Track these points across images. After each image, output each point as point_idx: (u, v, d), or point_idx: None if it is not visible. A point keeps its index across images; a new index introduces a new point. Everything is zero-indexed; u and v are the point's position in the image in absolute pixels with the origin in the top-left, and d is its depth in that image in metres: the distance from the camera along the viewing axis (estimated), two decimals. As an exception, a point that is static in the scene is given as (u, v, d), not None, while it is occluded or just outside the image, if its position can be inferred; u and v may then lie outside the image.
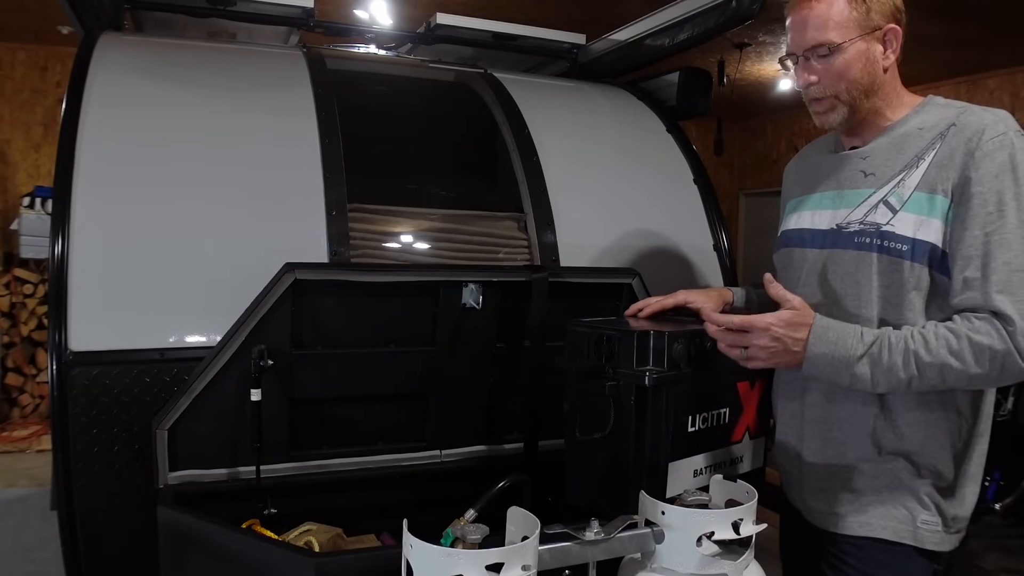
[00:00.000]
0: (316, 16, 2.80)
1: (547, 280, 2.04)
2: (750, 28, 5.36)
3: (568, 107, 2.77)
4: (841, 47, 1.50)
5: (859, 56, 1.51)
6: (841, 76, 1.52)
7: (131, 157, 1.97)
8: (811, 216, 1.66)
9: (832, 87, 1.53)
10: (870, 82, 1.53)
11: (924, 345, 1.39)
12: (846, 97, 1.53)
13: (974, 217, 1.41)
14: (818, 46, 1.51)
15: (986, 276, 1.39)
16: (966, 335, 1.37)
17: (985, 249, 1.40)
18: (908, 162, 1.51)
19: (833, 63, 1.51)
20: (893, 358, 1.40)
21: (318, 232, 2.00)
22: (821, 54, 1.51)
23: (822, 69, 1.53)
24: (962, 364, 1.37)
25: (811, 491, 1.62)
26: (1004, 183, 1.41)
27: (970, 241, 1.41)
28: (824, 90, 1.54)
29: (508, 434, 2.19)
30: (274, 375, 1.84)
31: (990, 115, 1.47)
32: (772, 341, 1.43)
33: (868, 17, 1.50)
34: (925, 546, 1.51)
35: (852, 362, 1.41)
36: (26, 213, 6.07)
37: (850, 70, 1.51)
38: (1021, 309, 1.36)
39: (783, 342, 1.43)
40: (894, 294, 1.48)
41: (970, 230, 1.41)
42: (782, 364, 1.47)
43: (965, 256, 1.42)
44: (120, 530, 1.85)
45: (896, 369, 1.40)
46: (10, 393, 6.28)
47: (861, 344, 1.42)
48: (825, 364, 1.43)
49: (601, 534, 1.27)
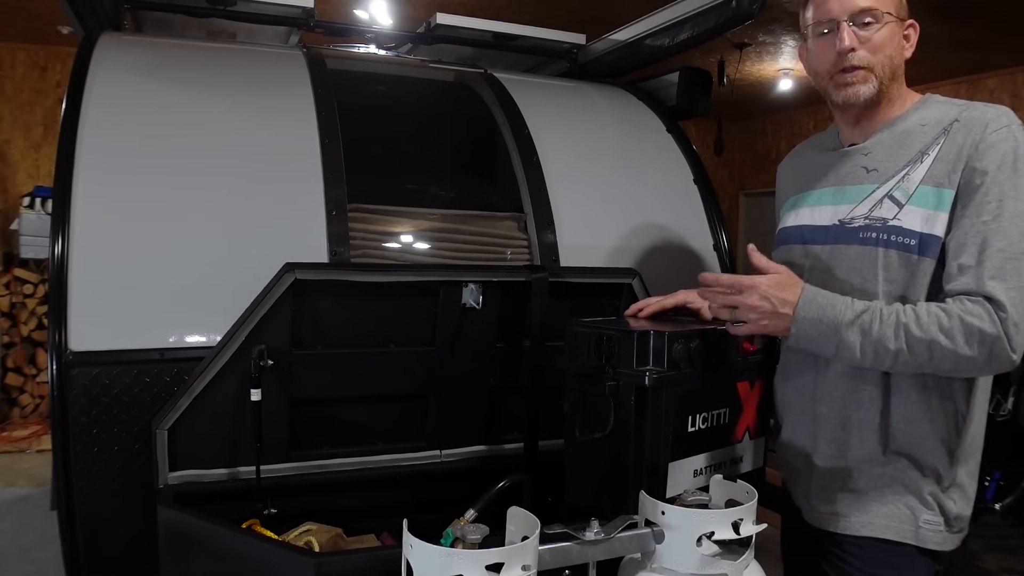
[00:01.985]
0: (316, 16, 2.80)
1: (547, 280, 2.04)
2: (750, 28, 5.36)
3: (568, 107, 2.77)
4: (885, 19, 1.51)
5: (895, 36, 1.54)
6: (881, 47, 1.52)
7: (131, 157, 1.97)
8: (811, 212, 1.65)
9: (871, 57, 1.53)
10: (896, 66, 1.55)
11: (915, 320, 1.39)
12: (880, 72, 1.53)
13: (973, 206, 1.42)
14: (866, 11, 1.51)
15: (980, 263, 1.39)
16: (958, 315, 1.37)
17: (982, 237, 1.40)
18: (912, 157, 1.51)
19: (876, 34, 1.52)
20: (883, 329, 1.40)
21: (318, 232, 2.00)
22: (865, 21, 1.52)
23: (866, 37, 1.52)
24: (952, 343, 1.37)
25: (815, 491, 1.62)
26: (1004, 174, 1.41)
27: (967, 229, 1.42)
28: (864, 59, 1.53)
29: (508, 434, 2.19)
30: (274, 375, 1.84)
31: (993, 110, 1.49)
32: (761, 300, 1.44)
33: (902, 5, 1.55)
34: (927, 546, 1.51)
35: (840, 328, 1.42)
36: (26, 213, 6.07)
37: (887, 46, 1.53)
38: (1013, 297, 1.36)
39: (771, 302, 1.44)
40: (901, 288, 1.48)
41: (968, 218, 1.42)
42: (770, 328, 1.48)
43: (961, 243, 1.42)
44: (120, 530, 1.85)
45: (885, 340, 1.40)
46: (10, 393, 6.28)
47: (851, 311, 1.42)
48: (813, 328, 1.44)
49: (601, 534, 1.27)
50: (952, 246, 1.43)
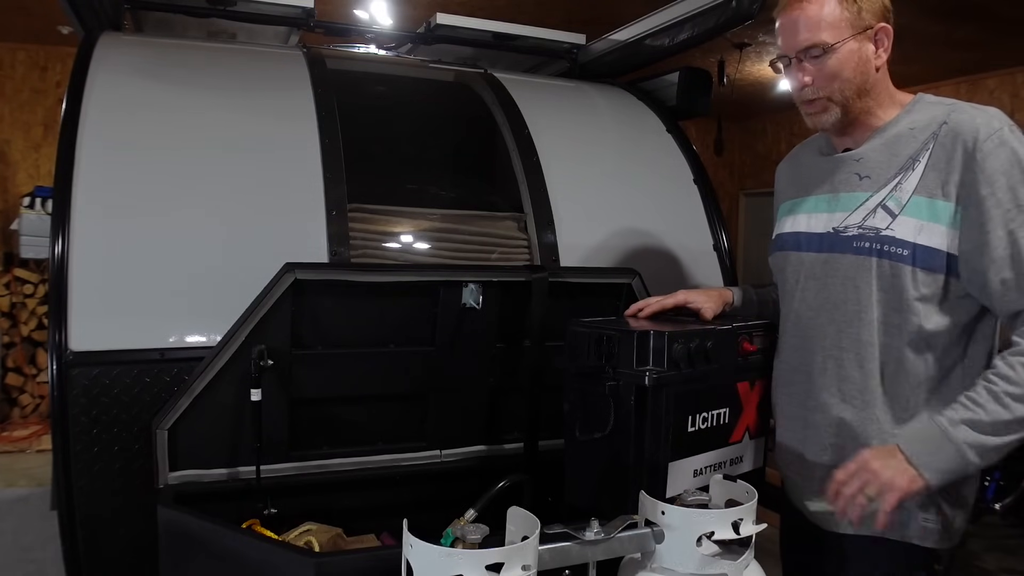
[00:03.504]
0: (316, 16, 2.80)
1: (547, 280, 2.04)
2: (750, 28, 5.36)
3: (568, 107, 2.77)
4: (834, 47, 1.49)
5: (851, 56, 1.51)
6: (834, 76, 1.51)
7: (131, 157, 1.97)
8: (807, 219, 1.65)
9: (826, 88, 1.52)
10: (863, 82, 1.53)
11: (1007, 380, 1.38)
12: (839, 98, 1.53)
13: (992, 218, 1.41)
14: (811, 47, 1.50)
15: (1020, 274, 1.40)
16: None
17: (1013, 248, 1.40)
18: (903, 164, 1.51)
19: (826, 64, 1.50)
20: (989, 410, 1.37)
21: (318, 232, 2.00)
22: (814, 55, 1.51)
23: (815, 70, 1.52)
24: None
25: (812, 493, 1.62)
26: (1014, 178, 1.41)
27: (996, 243, 1.41)
28: (817, 91, 1.53)
29: (508, 434, 2.19)
30: (274, 375, 1.84)
31: (981, 114, 1.47)
32: (876, 469, 1.39)
33: (860, 17, 1.50)
34: (926, 544, 1.51)
35: (957, 444, 1.37)
36: (26, 213, 6.07)
37: (843, 70, 1.51)
38: None
39: (887, 471, 1.39)
40: (895, 298, 1.48)
41: (993, 232, 1.41)
42: (908, 489, 1.40)
43: (994, 258, 1.41)
44: (120, 530, 1.85)
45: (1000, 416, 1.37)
46: (10, 393, 6.27)
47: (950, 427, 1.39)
48: (936, 460, 1.39)
49: (601, 534, 1.27)
50: (986, 263, 1.42)
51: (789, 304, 1.68)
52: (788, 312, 1.68)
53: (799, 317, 1.63)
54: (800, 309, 1.63)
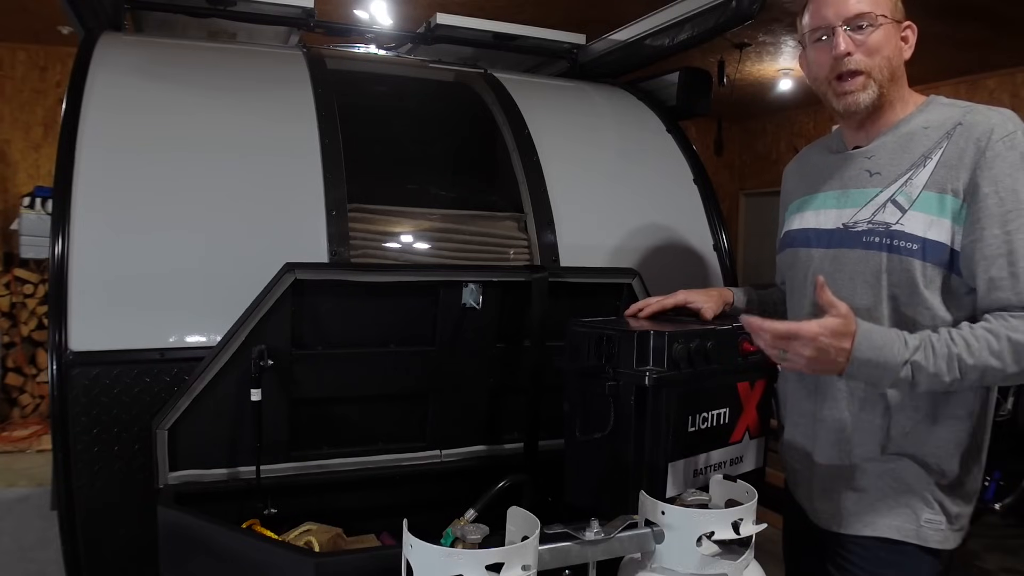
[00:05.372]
0: (316, 16, 2.80)
1: (547, 280, 2.04)
2: (750, 28, 5.36)
3: (568, 107, 2.77)
4: (880, 21, 1.51)
5: (891, 38, 1.53)
6: (877, 51, 1.52)
7: (131, 157, 1.97)
8: (815, 216, 1.65)
9: (867, 60, 1.52)
10: (896, 67, 1.55)
11: (967, 349, 1.38)
12: (879, 76, 1.53)
13: (991, 216, 1.41)
14: (861, 16, 1.51)
15: (1015, 275, 1.39)
16: (1006, 335, 1.37)
17: (1009, 247, 1.40)
18: (915, 161, 1.51)
19: (871, 37, 1.51)
20: (937, 363, 1.38)
21: (318, 232, 2.00)
22: (860, 25, 1.51)
23: (861, 40, 1.52)
24: (1002, 364, 1.37)
25: (817, 491, 1.62)
26: (1019, 181, 1.41)
27: (991, 240, 1.41)
28: (861, 62, 1.52)
29: (508, 434, 2.19)
30: (274, 375, 1.84)
31: (997, 115, 1.47)
32: (815, 351, 1.37)
33: (897, 7, 1.55)
34: (929, 544, 1.51)
35: (896, 368, 1.38)
36: (26, 213, 6.07)
37: (885, 47, 1.52)
38: None
39: (827, 352, 1.37)
40: (905, 293, 1.48)
41: (989, 229, 1.41)
42: (819, 370, 1.42)
43: (988, 256, 1.41)
44: (120, 530, 1.85)
45: (940, 374, 1.38)
46: (10, 393, 6.28)
47: (906, 350, 1.39)
48: (868, 369, 1.39)
49: (601, 534, 1.27)
50: (977, 259, 1.42)
51: (800, 301, 1.67)
52: (800, 308, 1.67)
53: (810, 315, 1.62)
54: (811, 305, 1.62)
